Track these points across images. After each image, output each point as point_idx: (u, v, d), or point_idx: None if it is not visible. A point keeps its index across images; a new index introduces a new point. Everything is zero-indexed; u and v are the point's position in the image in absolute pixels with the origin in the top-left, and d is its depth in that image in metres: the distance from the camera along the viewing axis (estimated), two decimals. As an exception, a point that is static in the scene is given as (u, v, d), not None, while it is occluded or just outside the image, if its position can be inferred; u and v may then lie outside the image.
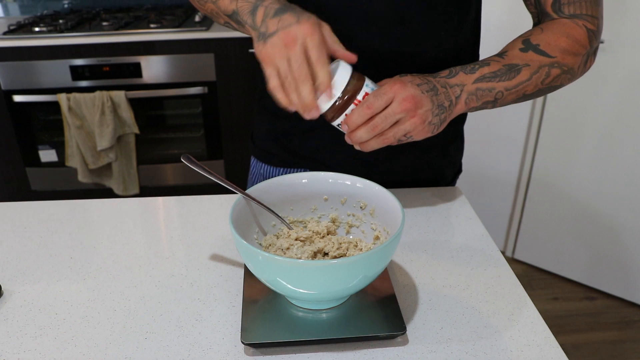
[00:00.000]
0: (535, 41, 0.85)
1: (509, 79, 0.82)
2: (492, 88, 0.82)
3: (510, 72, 0.82)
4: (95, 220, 0.95)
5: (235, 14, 0.81)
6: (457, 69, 0.82)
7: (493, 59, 0.84)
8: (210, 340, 0.68)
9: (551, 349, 0.67)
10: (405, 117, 0.75)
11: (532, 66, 0.83)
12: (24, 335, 0.69)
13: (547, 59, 0.84)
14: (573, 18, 0.87)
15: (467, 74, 0.81)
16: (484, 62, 0.83)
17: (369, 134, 0.75)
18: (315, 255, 0.73)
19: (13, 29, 2.33)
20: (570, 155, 2.20)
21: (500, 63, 0.83)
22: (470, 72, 0.81)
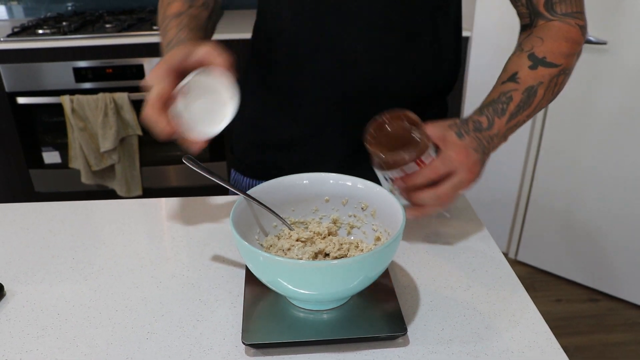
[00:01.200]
0: (540, 54, 0.86)
1: (529, 104, 0.84)
2: (518, 121, 0.84)
3: (529, 98, 0.84)
4: (97, 221, 0.96)
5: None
6: (490, 112, 0.82)
7: (511, 87, 0.84)
8: (212, 340, 0.68)
9: (552, 350, 0.67)
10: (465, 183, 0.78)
11: (545, 82, 0.85)
12: (26, 336, 0.69)
13: (555, 70, 0.86)
14: (565, 18, 0.89)
15: (500, 119, 0.82)
16: (506, 94, 0.84)
17: (435, 201, 0.77)
18: (316, 256, 0.73)
19: (17, 31, 2.34)
20: (573, 157, 2.19)
21: (519, 91, 0.84)
22: (501, 114, 0.82)
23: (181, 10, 0.90)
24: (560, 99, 2.16)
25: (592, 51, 2.00)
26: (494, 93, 0.86)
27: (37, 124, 2.39)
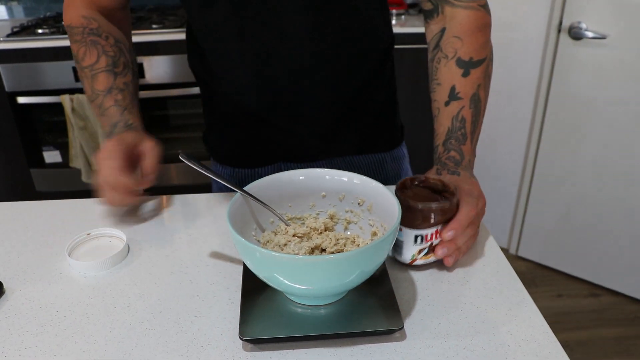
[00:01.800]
0: (466, 56, 0.89)
1: (479, 112, 0.89)
2: (478, 132, 0.90)
3: (477, 107, 0.89)
4: (95, 219, 0.96)
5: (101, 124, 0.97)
6: (454, 144, 0.87)
7: (457, 107, 0.88)
8: (209, 336, 0.68)
9: (549, 343, 0.67)
10: None
11: (482, 83, 0.90)
12: (25, 333, 0.70)
13: (484, 65, 0.90)
14: (469, 3, 0.90)
15: (465, 144, 0.88)
16: (457, 117, 0.88)
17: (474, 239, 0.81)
18: (313, 251, 0.73)
19: (17, 31, 2.35)
20: (574, 152, 2.19)
21: (466, 107, 0.88)
22: (464, 139, 0.87)
23: (109, 84, 0.96)
24: (560, 93, 2.16)
25: (592, 45, 2.00)
26: (445, 120, 0.89)
27: (37, 123, 2.40)
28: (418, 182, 0.81)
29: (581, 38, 2.01)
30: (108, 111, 0.94)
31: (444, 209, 0.75)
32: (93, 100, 0.96)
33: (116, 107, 0.94)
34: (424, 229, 0.75)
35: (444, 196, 0.78)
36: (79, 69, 0.99)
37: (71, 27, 0.99)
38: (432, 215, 0.75)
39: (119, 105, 0.94)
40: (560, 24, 2.06)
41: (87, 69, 0.97)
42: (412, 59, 2.29)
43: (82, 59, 0.97)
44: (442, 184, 0.79)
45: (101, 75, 0.96)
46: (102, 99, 0.95)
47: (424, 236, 0.76)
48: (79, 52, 0.98)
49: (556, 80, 2.14)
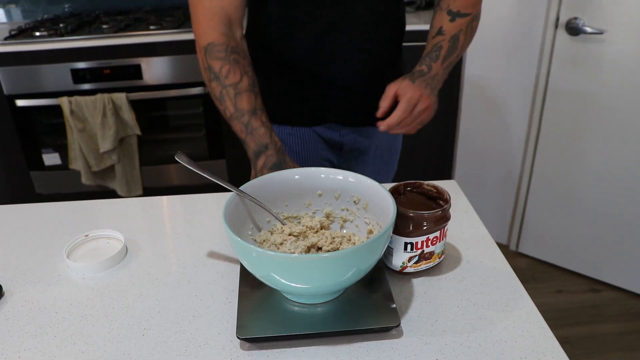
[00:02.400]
0: (455, 8, 1.09)
1: (455, 48, 1.08)
2: (451, 62, 1.08)
3: (455, 43, 1.08)
4: (94, 220, 0.96)
5: (244, 142, 0.98)
6: (427, 60, 1.07)
7: (439, 39, 1.08)
8: (207, 335, 0.69)
9: (546, 339, 0.68)
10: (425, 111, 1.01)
11: (463, 29, 1.09)
12: (24, 334, 0.70)
13: (468, 18, 1.09)
14: None
15: (436, 63, 1.06)
16: (437, 45, 1.08)
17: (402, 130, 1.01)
18: (309, 250, 0.73)
19: (14, 33, 2.35)
20: (572, 148, 2.19)
21: (446, 40, 1.08)
22: (436, 59, 1.07)
23: (253, 105, 0.98)
24: (558, 88, 2.15)
25: (590, 41, 2.00)
26: (428, 47, 1.10)
27: (36, 125, 2.40)
28: (411, 188, 0.81)
29: (579, 33, 2.01)
30: (257, 132, 0.96)
31: (436, 217, 0.74)
32: (237, 119, 0.97)
33: (264, 128, 0.96)
34: (416, 236, 0.75)
35: (438, 203, 0.78)
36: (220, 86, 0.99)
37: (214, 44, 0.99)
38: (423, 223, 0.74)
39: (266, 127, 0.97)
40: (557, 19, 2.06)
41: (231, 87, 0.98)
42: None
43: (225, 77, 0.98)
44: (436, 191, 0.79)
45: (245, 94, 0.98)
46: (249, 118, 0.96)
47: (414, 244, 0.75)
48: (222, 69, 0.98)
49: (554, 76, 2.14)
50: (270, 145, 0.95)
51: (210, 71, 1.00)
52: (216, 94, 1.00)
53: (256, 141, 0.95)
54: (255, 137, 0.96)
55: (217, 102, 1.01)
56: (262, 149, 0.95)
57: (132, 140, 2.39)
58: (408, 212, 0.74)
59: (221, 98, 0.99)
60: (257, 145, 0.95)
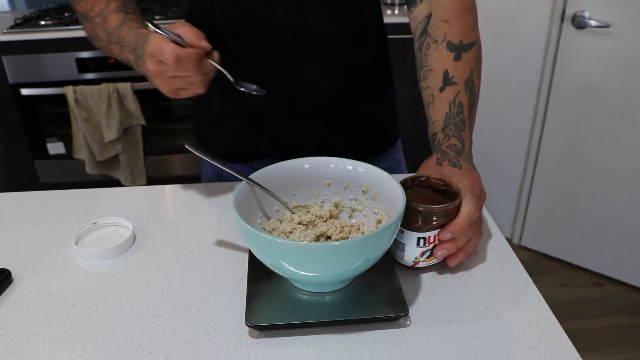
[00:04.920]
0: (455, 40, 0.88)
1: (474, 96, 0.88)
2: (474, 118, 0.89)
3: (472, 92, 0.88)
4: (101, 208, 0.97)
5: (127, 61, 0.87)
6: (454, 130, 0.85)
7: (453, 91, 0.87)
8: (216, 323, 0.69)
9: (553, 329, 0.68)
10: None
11: (475, 67, 0.89)
12: (34, 320, 0.71)
13: (475, 49, 0.89)
14: None
15: (465, 131, 0.86)
16: (454, 102, 0.86)
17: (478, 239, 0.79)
18: (318, 239, 0.74)
19: (19, 22, 2.35)
20: (577, 142, 2.19)
21: (462, 92, 0.87)
22: (462, 125, 0.86)
23: (121, 20, 0.88)
24: (563, 82, 2.15)
25: (596, 34, 2.00)
26: (442, 106, 0.87)
27: (41, 115, 2.40)
28: (419, 182, 0.79)
29: (584, 27, 2.00)
30: (127, 39, 0.85)
31: (447, 211, 0.72)
32: (109, 44, 0.88)
33: (134, 30, 0.85)
34: (426, 231, 0.73)
35: (447, 196, 0.76)
36: (91, 24, 0.91)
37: None
38: (434, 217, 0.72)
39: (136, 28, 0.85)
40: (563, 12, 2.06)
41: (98, 17, 0.89)
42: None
43: (90, 10, 0.91)
44: (444, 184, 0.77)
45: (111, 16, 0.88)
46: (117, 32, 0.87)
47: (427, 238, 0.74)
48: (86, 7, 0.91)
49: (559, 70, 2.13)
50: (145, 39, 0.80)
51: (81, 18, 0.94)
52: (91, 33, 0.92)
53: (131, 46, 0.84)
54: (128, 45, 0.84)
55: (96, 43, 0.92)
56: (136, 49, 0.82)
57: (137, 130, 2.39)
58: (418, 206, 0.72)
59: (94, 35, 0.91)
60: (133, 50, 0.83)
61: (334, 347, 0.65)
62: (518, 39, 2.21)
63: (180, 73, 0.76)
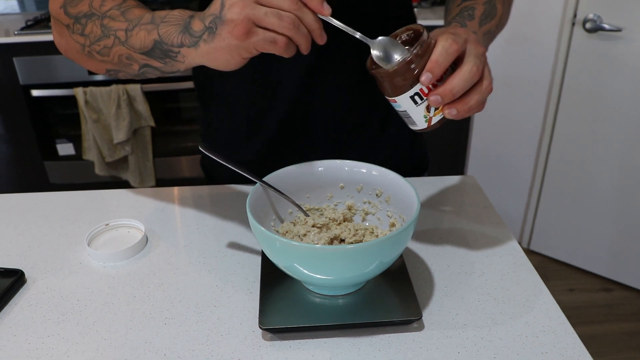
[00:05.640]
0: None
1: (494, 16, 0.83)
2: (490, 29, 0.82)
3: (492, 10, 0.83)
4: (113, 209, 0.97)
5: (159, 43, 0.69)
6: (459, 19, 0.79)
7: (469, 3, 0.83)
8: (229, 325, 0.69)
9: (566, 335, 0.68)
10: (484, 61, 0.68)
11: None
12: (47, 321, 0.71)
13: None
14: None
15: (471, 22, 0.79)
16: (468, 7, 0.83)
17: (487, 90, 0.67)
18: (332, 242, 0.73)
19: (30, 24, 2.36)
20: (587, 147, 2.18)
21: (479, 3, 0.83)
22: (469, 18, 0.80)
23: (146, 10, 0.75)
24: (574, 86, 2.14)
25: (607, 38, 1.99)
26: (454, 12, 0.84)
27: (51, 116, 2.42)
28: None
29: (596, 31, 1.99)
30: (171, 15, 0.70)
31: (418, 54, 0.63)
32: (132, 28, 0.71)
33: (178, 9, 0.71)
34: (412, 86, 0.65)
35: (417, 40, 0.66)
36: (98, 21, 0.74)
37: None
38: (409, 68, 0.64)
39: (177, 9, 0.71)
40: (574, 16, 2.05)
41: (115, 9, 0.74)
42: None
43: (101, 6, 0.75)
44: (409, 31, 0.69)
45: (135, 8, 0.74)
46: (150, 15, 0.71)
47: (419, 92, 0.66)
48: (93, 2, 0.75)
49: (570, 74, 2.12)
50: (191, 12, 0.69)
51: (76, 24, 0.76)
52: (99, 33, 0.74)
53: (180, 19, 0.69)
54: (173, 18, 0.69)
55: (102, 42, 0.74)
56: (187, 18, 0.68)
57: (146, 131, 2.40)
58: (388, 67, 0.64)
59: (105, 30, 0.73)
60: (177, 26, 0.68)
61: (347, 351, 0.65)
62: (529, 42, 2.21)
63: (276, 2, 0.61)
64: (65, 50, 0.81)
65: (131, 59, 0.73)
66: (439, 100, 0.65)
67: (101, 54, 0.75)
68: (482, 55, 0.66)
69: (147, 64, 0.73)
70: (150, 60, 0.72)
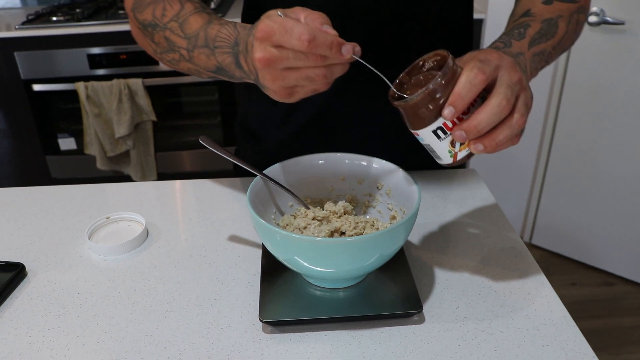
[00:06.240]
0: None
1: (553, 35, 0.75)
2: (544, 50, 0.74)
3: (551, 28, 0.75)
4: (114, 203, 0.97)
5: (221, 69, 0.71)
6: (505, 37, 0.73)
7: (526, 20, 0.76)
8: (229, 318, 0.69)
9: (567, 327, 0.67)
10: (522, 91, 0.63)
11: (564, 16, 0.77)
12: (48, 314, 0.71)
13: (573, 5, 0.79)
14: None
15: (519, 41, 0.72)
16: (522, 24, 0.75)
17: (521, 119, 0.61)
18: (333, 235, 0.73)
19: (31, 18, 2.36)
20: (590, 140, 2.18)
21: (537, 21, 0.75)
22: (520, 37, 0.72)
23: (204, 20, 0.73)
24: (575, 80, 2.13)
25: (610, 31, 1.98)
26: (507, 27, 0.78)
27: (52, 110, 2.42)
28: (408, 73, 0.65)
29: (599, 24, 1.98)
30: (219, 37, 0.68)
31: (440, 84, 0.59)
32: (192, 50, 0.72)
33: (227, 25, 0.69)
34: (435, 119, 0.61)
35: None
36: (161, 32, 0.75)
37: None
38: (431, 99, 0.60)
39: (230, 23, 0.69)
40: (576, 10, 2.04)
41: (173, 21, 0.74)
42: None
43: (162, 16, 0.75)
44: (437, 57, 0.64)
45: (191, 18, 0.73)
46: (204, 33, 0.70)
47: (442, 127, 0.61)
48: (155, 12, 0.76)
49: (572, 68, 2.12)
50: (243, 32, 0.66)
51: (146, 29, 0.77)
52: (165, 45, 0.75)
53: (226, 45, 0.68)
54: (221, 46, 0.68)
55: (169, 56, 0.76)
56: (236, 46, 0.66)
57: (148, 126, 2.40)
58: (407, 99, 0.60)
59: (170, 44, 0.74)
60: (230, 55, 0.67)
61: (347, 343, 0.65)
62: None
63: (301, 63, 0.59)
64: (141, 45, 0.83)
65: (200, 73, 0.75)
66: (464, 136, 0.60)
67: (172, 63, 0.77)
68: (515, 84, 0.60)
69: (216, 77, 0.74)
70: (218, 76, 0.73)
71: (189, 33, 0.72)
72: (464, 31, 0.98)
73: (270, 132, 1.03)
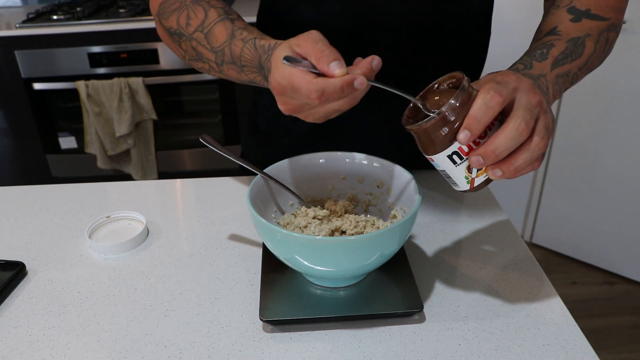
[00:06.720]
0: (582, 6, 0.75)
1: (579, 55, 0.72)
2: (569, 71, 0.71)
3: (577, 48, 0.72)
4: (114, 202, 0.97)
5: (254, 82, 0.73)
6: (526, 59, 0.70)
7: (551, 39, 0.73)
8: (229, 317, 0.69)
9: (568, 327, 0.67)
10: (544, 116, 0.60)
11: (593, 35, 0.74)
12: (48, 313, 0.71)
13: (603, 23, 0.75)
14: None
15: (541, 62, 0.69)
16: (545, 43, 0.72)
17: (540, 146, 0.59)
18: (333, 234, 0.73)
19: (32, 17, 2.36)
20: (590, 138, 2.17)
21: (562, 40, 0.72)
22: (542, 58, 0.69)
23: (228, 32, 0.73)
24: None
25: (610, 31, 1.98)
26: (531, 47, 0.75)
27: (53, 109, 2.42)
28: (423, 97, 0.63)
29: (599, 23, 1.98)
30: (244, 57, 0.70)
31: (454, 108, 0.57)
32: (222, 65, 0.74)
33: (249, 44, 0.69)
34: (451, 143, 0.59)
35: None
36: (189, 42, 0.76)
37: (164, 1, 0.80)
38: (445, 123, 0.58)
39: (250, 40, 0.70)
40: (577, 9, 2.04)
41: (199, 32, 0.74)
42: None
43: (186, 25, 0.76)
44: (452, 79, 0.62)
45: (215, 28, 0.73)
46: (229, 50, 0.71)
47: (458, 152, 0.59)
48: (179, 21, 0.76)
49: (573, 66, 2.11)
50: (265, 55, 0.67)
51: (172, 36, 0.79)
52: (194, 54, 0.77)
53: (252, 66, 0.70)
54: (249, 65, 0.70)
55: (198, 64, 0.78)
56: (261, 69, 0.69)
57: (148, 124, 2.40)
58: (420, 125, 0.59)
59: (199, 54, 0.76)
60: (257, 69, 0.69)
61: (348, 343, 0.65)
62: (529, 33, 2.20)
63: (324, 106, 0.60)
64: (168, 46, 0.84)
65: (233, 79, 0.77)
66: (481, 162, 0.58)
67: (202, 70, 0.79)
68: (535, 107, 0.58)
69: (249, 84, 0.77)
70: (251, 85, 0.76)
71: (216, 47, 0.73)
72: (479, 47, 0.98)
73: (280, 133, 1.03)
